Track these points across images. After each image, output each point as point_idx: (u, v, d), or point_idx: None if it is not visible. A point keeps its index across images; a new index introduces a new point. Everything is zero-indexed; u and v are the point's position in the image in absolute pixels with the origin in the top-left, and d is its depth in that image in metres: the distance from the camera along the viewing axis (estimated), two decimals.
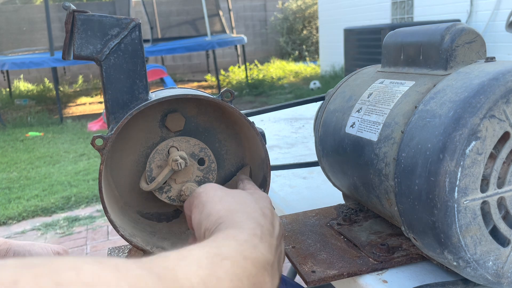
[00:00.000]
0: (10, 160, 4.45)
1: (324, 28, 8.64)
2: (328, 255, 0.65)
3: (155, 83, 7.61)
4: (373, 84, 0.70)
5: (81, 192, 3.44)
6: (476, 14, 5.07)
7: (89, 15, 0.56)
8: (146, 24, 7.76)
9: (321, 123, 0.78)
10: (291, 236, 0.71)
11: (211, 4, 8.02)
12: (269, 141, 1.04)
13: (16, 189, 3.62)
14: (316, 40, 10.61)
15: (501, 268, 0.52)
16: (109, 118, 0.59)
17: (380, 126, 0.62)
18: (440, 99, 0.53)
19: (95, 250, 2.62)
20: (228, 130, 0.68)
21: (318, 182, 1.00)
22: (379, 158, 0.60)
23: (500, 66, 0.52)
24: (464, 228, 0.49)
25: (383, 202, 0.62)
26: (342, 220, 0.74)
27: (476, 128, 0.48)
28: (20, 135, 5.49)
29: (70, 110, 7.22)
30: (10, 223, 3.04)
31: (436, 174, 0.49)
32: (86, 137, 5.20)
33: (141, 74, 0.59)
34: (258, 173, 0.66)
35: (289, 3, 11.08)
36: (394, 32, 0.71)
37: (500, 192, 0.51)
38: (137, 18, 0.58)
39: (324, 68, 8.57)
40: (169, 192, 0.63)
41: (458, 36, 0.59)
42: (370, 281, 0.59)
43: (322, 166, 0.81)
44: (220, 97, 0.60)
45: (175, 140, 0.63)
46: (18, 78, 8.96)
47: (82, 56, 0.57)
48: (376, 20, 6.74)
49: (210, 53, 8.97)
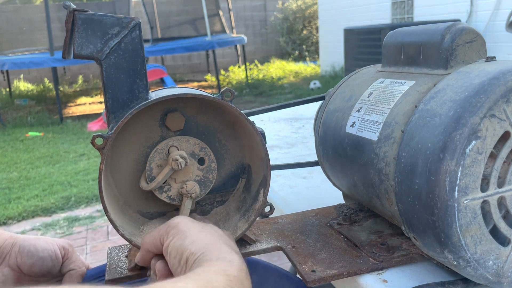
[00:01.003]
0: (10, 160, 4.45)
1: (324, 28, 8.64)
2: (328, 255, 0.65)
3: (155, 83, 7.61)
4: (373, 84, 0.70)
5: (81, 192, 3.44)
6: (476, 14, 5.07)
7: (89, 14, 0.56)
8: (146, 24, 7.75)
9: (321, 123, 0.78)
10: (291, 236, 0.71)
11: (211, 4, 8.02)
12: (269, 141, 1.04)
13: (16, 189, 3.62)
14: (316, 40, 10.62)
15: (501, 268, 0.52)
16: (109, 117, 0.59)
17: (380, 125, 0.62)
18: (441, 99, 0.53)
19: (95, 250, 2.62)
20: (228, 130, 0.67)
21: (318, 182, 1.00)
22: (379, 157, 0.60)
23: (500, 66, 0.52)
24: (464, 227, 0.49)
25: (383, 201, 0.62)
26: (342, 220, 0.74)
27: (477, 128, 0.48)
28: (20, 135, 5.49)
29: (70, 110, 7.22)
30: (10, 223, 3.04)
31: (436, 173, 0.49)
32: (86, 137, 5.20)
33: (141, 73, 0.59)
34: (258, 172, 0.66)
35: (289, 3, 11.08)
36: (394, 32, 0.71)
37: (501, 191, 0.51)
38: (137, 17, 0.58)
39: (324, 68, 8.57)
40: (169, 191, 0.63)
41: (459, 36, 0.59)
42: (370, 281, 0.59)
43: (322, 166, 0.81)
44: (220, 97, 0.60)
45: (175, 139, 0.63)
46: (18, 78, 8.96)
47: (82, 55, 0.57)
48: (376, 20, 6.74)
49: (210, 53, 8.97)
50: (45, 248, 0.67)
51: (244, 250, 0.66)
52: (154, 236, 0.55)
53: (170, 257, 0.52)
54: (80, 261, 0.71)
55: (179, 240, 0.52)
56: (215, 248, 0.50)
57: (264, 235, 0.71)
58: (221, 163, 0.68)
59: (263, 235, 0.71)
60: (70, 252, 0.70)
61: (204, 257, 0.48)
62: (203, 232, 0.53)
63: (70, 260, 0.70)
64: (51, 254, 0.67)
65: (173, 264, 0.51)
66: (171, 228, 0.54)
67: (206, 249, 0.49)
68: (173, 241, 0.52)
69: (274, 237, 0.71)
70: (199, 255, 0.49)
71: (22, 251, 0.65)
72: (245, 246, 0.67)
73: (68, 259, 0.69)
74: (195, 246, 0.50)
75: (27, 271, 0.66)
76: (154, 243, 0.55)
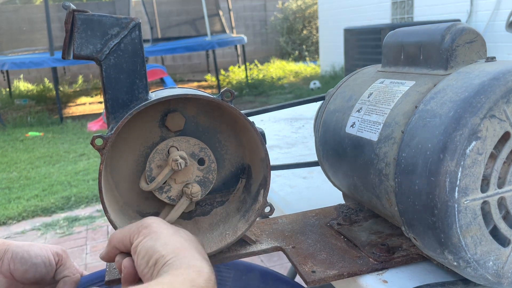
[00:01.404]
0: (10, 160, 4.45)
1: (324, 28, 8.64)
2: (328, 255, 0.65)
3: (155, 83, 7.61)
4: (373, 84, 0.70)
5: (81, 192, 3.44)
6: (476, 14, 5.07)
7: (89, 15, 0.56)
8: (146, 24, 7.75)
9: (321, 123, 0.78)
10: (291, 236, 0.71)
11: (211, 4, 8.02)
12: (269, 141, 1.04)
13: (16, 189, 3.62)
14: (316, 40, 10.62)
15: (501, 268, 0.52)
16: (109, 118, 0.59)
17: (380, 126, 0.62)
18: (441, 99, 0.53)
19: (95, 250, 2.62)
20: (228, 130, 0.67)
21: (318, 182, 1.00)
22: (379, 158, 0.60)
23: (500, 66, 0.52)
24: (464, 228, 0.49)
25: (383, 202, 0.62)
26: (342, 220, 0.74)
27: (477, 128, 0.48)
28: (20, 135, 5.49)
29: (70, 110, 7.22)
30: (10, 223, 3.04)
31: (437, 174, 0.49)
32: (86, 137, 5.20)
33: (141, 73, 0.59)
34: (258, 173, 0.66)
35: (289, 3, 11.08)
36: (394, 32, 0.71)
37: (501, 192, 0.51)
38: (137, 18, 0.58)
39: (324, 68, 8.57)
40: (169, 192, 0.63)
41: (459, 36, 0.59)
42: (370, 281, 0.59)
43: (322, 166, 0.80)
44: (220, 97, 0.60)
45: (175, 140, 0.63)
46: (18, 78, 8.96)
47: (82, 55, 0.57)
48: (376, 20, 6.74)
49: (210, 53, 8.97)
50: (39, 254, 0.66)
51: (244, 250, 0.66)
52: (123, 233, 0.53)
53: (138, 257, 0.50)
54: (74, 267, 0.70)
55: (150, 240, 0.50)
56: (185, 254, 0.48)
57: (264, 235, 0.71)
58: (221, 164, 0.68)
59: (263, 236, 0.71)
60: (64, 258, 0.69)
61: (174, 262, 0.47)
62: (175, 236, 0.52)
63: (64, 267, 0.68)
64: (44, 261, 0.66)
65: (140, 264, 0.49)
66: (143, 228, 0.52)
67: (176, 254, 0.48)
68: (144, 241, 0.50)
69: (274, 237, 0.70)
70: (169, 259, 0.47)
71: (15, 257, 0.64)
72: (245, 247, 0.67)
73: (62, 265, 0.68)
74: (166, 249, 0.48)
75: (20, 278, 0.65)
76: (122, 241, 0.53)
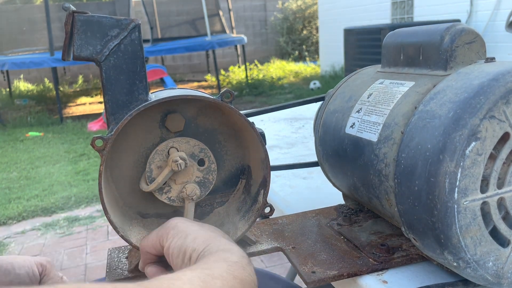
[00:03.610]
0: (10, 160, 4.45)
1: (324, 28, 8.64)
2: (328, 256, 0.65)
3: (155, 83, 7.61)
4: (373, 85, 0.70)
5: (81, 192, 3.44)
6: (476, 14, 5.07)
7: (88, 16, 0.56)
8: (146, 24, 7.75)
9: (321, 124, 0.78)
10: (291, 236, 0.71)
11: (211, 4, 8.01)
12: (269, 141, 1.04)
13: (16, 189, 3.62)
14: (316, 40, 10.61)
15: (501, 269, 0.52)
16: (109, 119, 0.59)
17: (380, 126, 0.62)
18: (440, 100, 0.53)
19: (95, 250, 2.62)
20: (228, 131, 0.67)
21: (318, 182, 1.00)
22: (379, 158, 0.60)
23: (500, 67, 0.52)
24: (464, 228, 0.49)
25: (383, 202, 0.62)
26: (342, 221, 0.74)
27: (476, 129, 0.48)
28: (20, 135, 5.48)
29: (70, 110, 7.22)
30: (10, 223, 3.04)
31: (436, 174, 0.49)
32: (86, 137, 5.19)
33: (141, 75, 0.59)
34: (258, 173, 0.66)
35: (289, 3, 11.07)
36: (394, 32, 0.71)
37: (500, 192, 0.51)
38: (137, 19, 0.58)
39: (324, 68, 8.57)
40: (169, 192, 0.63)
41: (458, 37, 0.59)
42: (370, 282, 0.59)
43: (322, 167, 0.81)
44: (220, 98, 0.60)
45: (175, 140, 0.63)
46: (18, 78, 8.96)
47: (82, 57, 0.57)
48: (376, 20, 6.74)
49: (210, 53, 8.96)
50: (22, 266, 0.67)
51: (244, 251, 0.66)
52: (152, 238, 0.55)
53: (172, 257, 0.52)
54: (58, 277, 0.71)
55: (180, 239, 0.52)
56: (215, 242, 0.50)
57: (264, 236, 0.71)
58: (221, 164, 0.68)
59: (263, 236, 0.71)
60: (48, 269, 0.69)
61: (206, 251, 0.49)
62: (202, 230, 0.54)
63: (48, 277, 0.69)
64: (28, 271, 0.67)
65: (176, 263, 0.51)
66: (171, 229, 0.54)
67: (207, 244, 0.50)
68: (174, 241, 0.52)
69: (274, 238, 0.71)
70: (201, 250, 0.49)
71: None
72: (245, 247, 0.67)
73: (46, 275, 0.69)
74: (197, 243, 0.50)
75: None
76: (154, 246, 0.55)
